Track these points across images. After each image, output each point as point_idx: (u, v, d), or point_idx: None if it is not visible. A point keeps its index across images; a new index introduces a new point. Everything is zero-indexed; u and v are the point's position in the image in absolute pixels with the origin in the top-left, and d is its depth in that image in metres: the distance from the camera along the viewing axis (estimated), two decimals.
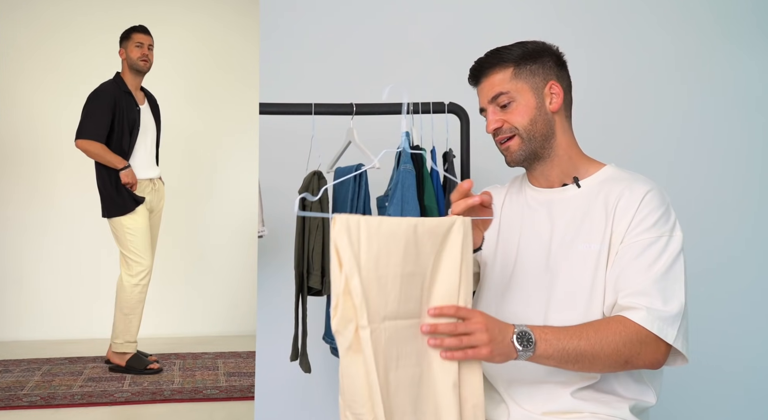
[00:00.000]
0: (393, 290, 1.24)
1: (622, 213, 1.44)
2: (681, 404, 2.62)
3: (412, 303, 1.27)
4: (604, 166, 1.56)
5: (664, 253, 1.40)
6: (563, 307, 1.45)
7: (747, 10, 2.79)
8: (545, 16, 2.73)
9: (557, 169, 1.54)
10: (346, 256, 1.20)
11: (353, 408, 1.23)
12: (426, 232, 1.27)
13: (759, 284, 2.75)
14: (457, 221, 1.30)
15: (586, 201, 1.50)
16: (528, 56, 1.53)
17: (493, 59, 1.55)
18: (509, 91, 1.52)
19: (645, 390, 1.48)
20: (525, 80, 1.52)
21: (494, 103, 1.53)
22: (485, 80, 1.55)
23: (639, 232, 1.41)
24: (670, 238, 1.42)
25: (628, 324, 1.34)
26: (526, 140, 1.51)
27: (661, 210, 1.43)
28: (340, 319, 1.22)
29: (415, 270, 1.26)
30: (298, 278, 2.22)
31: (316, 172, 2.20)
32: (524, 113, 1.51)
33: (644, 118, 2.74)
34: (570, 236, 1.48)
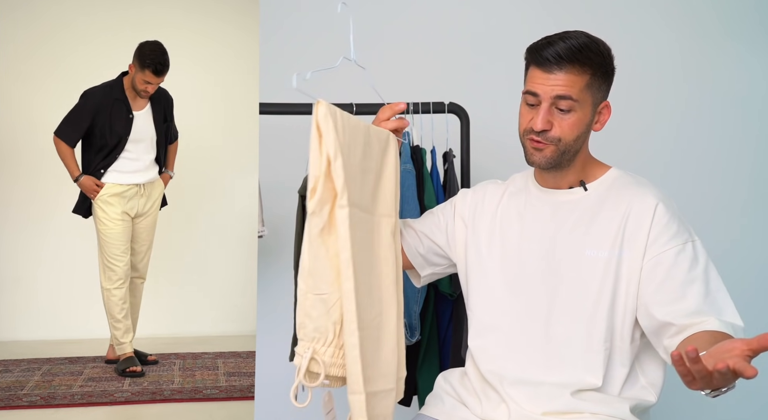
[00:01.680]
0: (357, 180, 1.31)
1: (636, 226, 1.43)
2: (683, 403, 2.62)
3: (367, 196, 1.35)
4: (608, 168, 1.55)
5: (697, 260, 1.39)
6: (567, 313, 1.45)
7: (749, 8, 2.78)
8: (546, 15, 2.72)
9: (571, 176, 1.53)
10: (330, 138, 1.25)
11: (318, 288, 1.28)
12: (374, 135, 1.39)
13: (762, 283, 2.75)
14: (390, 136, 1.45)
15: (594, 206, 1.48)
16: (604, 69, 1.45)
17: (576, 54, 1.40)
18: (577, 100, 1.42)
19: (645, 390, 1.48)
20: (592, 94, 1.44)
21: (555, 103, 1.43)
22: (560, 72, 1.41)
23: (663, 242, 1.40)
24: (694, 243, 1.42)
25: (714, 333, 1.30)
26: (561, 153, 1.46)
27: (676, 219, 1.43)
28: (318, 200, 1.25)
29: (369, 166, 1.36)
30: (297, 278, 2.22)
31: None
32: (576, 127, 1.44)
33: (646, 116, 2.74)
34: (577, 241, 1.47)
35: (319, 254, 1.28)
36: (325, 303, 1.28)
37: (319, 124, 1.26)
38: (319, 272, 1.28)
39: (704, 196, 2.72)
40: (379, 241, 1.41)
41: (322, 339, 1.29)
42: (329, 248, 1.28)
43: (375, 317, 1.36)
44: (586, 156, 1.53)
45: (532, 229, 1.53)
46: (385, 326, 1.38)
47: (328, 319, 1.29)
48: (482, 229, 1.60)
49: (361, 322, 1.28)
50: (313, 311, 1.29)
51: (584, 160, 1.53)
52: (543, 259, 1.49)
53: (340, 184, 1.24)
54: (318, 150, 1.25)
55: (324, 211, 1.26)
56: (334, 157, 1.24)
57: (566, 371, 1.44)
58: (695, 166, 2.74)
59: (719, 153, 2.76)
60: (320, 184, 1.25)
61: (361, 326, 1.28)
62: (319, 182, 1.25)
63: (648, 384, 1.48)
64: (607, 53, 1.46)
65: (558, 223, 1.50)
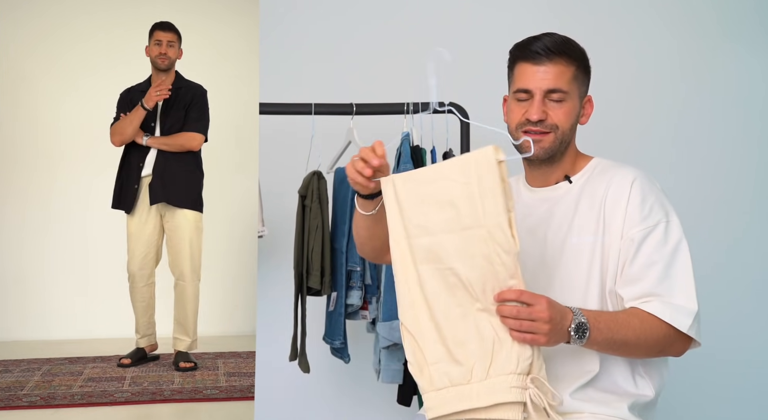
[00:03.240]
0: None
1: (613, 205, 1.45)
2: (684, 399, 2.61)
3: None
4: (591, 159, 1.58)
5: (665, 243, 1.41)
6: (561, 302, 1.45)
7: (749, 9, 2.78)
8: (546, 16, 2.72)
9: (559, 171, 1.55)
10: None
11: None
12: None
13: (764, 282, 2.75)
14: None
15: (577, 196, 1.51)
16: (585, 64, 1.53)
17: (564, 47, 1.48)
18: (567, 91, 1.48)
19: (643, 383, 1.48)
20: (578, 86, 1.51)
21: (548, 95, 1.48)
22: (550, 65, 1.47)
23: (635, 223, 1.43)
24: (667, 224, 1.43)
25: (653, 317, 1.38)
26: (558, 141, 1.50)
27: (652, 196, 1.45)
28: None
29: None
30: (297, 278, 2.22)
31: (316, 172, 2.20)
32: (570, 116, 1.50)
33: (645, 117, 2.74)
34: (563, 231, 1.49)
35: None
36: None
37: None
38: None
39: (705, 196, 2.72)
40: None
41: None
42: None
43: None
44: (574, 151, 1.56)
45: (525, 230, 1.53)
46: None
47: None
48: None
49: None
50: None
51: (572, 154, 1.56)
52: (537, 256, 1.51)
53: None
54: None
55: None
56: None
57: (565, 361, 1.45)
58: (695, 167, 2.74)
59: (719, 153, 2.76)
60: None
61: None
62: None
63: (646, 377, 1.48)
64: (584, 51, 1.54)
65: (547, 218, 1.53)
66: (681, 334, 1.39)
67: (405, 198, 1.32)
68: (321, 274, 2.16)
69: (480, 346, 1.27)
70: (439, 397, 1.27)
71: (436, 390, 1.28)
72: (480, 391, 1.25)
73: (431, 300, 1.30)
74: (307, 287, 2.20)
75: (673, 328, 1.38)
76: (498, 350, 1.26)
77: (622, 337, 1.36)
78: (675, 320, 1.37)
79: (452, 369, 1.27)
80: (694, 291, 1.40)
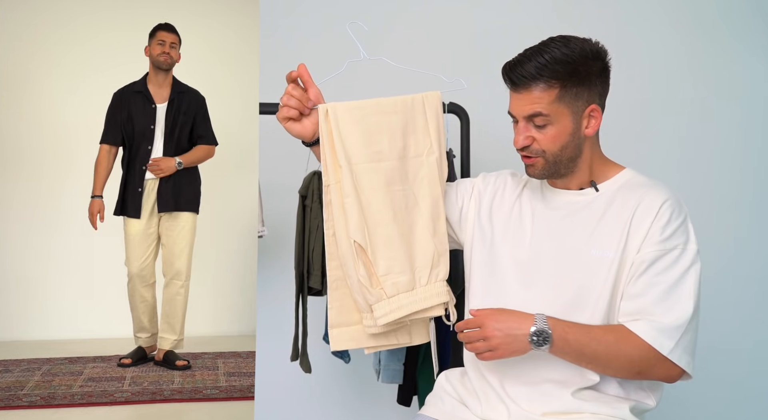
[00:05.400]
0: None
1: (639, 223, 1.42)
2: (680, 408, 2.62)
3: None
4: (622, 169, 1.54)
5: (673, 268, 1.39)
6: (568, 312, 1.44)
7: (752, 9, 2.78)
8: (549, 16, 2.72)
9: (578, 179, 1.52)
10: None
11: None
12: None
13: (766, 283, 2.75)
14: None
15: (603, 206, 1.48)
16: (576, 76, 1.42)
17: (539, 71, 1.40)
18: (549, 115, 1.42)
19: (645, 394, 1.48)
20: (567, 104, 1.43)
21: (530, 121, 1.45)
22: (525, 92, 1.43)
23: (653, 243, 1.40)
24: (683, 251, 1.40)
25: (635, 336, 1.38)
26: (551, 163, 1.47)
27: (678, 221, 1.42)
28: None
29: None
30: (298, 278, 2.21)
31: (316, 172, 2.20)
32: (557, 139, 1.44)
33: (646, 117, 2.73)
34: (583, 239, 1.46)
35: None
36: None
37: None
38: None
39: (707, 196, 2.71)
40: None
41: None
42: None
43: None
44: (592, 159, 1.51)
45: (543, 229, 1.52)
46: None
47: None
48: (498, 221, 1.59)
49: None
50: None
51: (590, 162, 1.51)
52: (552, 260, 1.48)
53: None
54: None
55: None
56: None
57: (566, 369, 1.44)
58: (697, 166, 2.74)
59: (722, 153, 2.75)
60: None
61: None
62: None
63: (647, 390, 1.48)
64: (583, 58, 1.42)
65: (568, 223, 1.50)
66: (665, 359, 1.37)
67: (351, 126, 1.57)
68: (322, 273, 2.16)
69: (424, 258, 1.56)
70: (391, 304, 1.53)
71: (387, 298, 1.53)
72: (425, 295, 1.56)
73: (382, 219, 1.54)
74: (308, 287, 2.20)
75: (655, 350, 1.36)
76: (437, 262, 1.57)
77: (592, 351, 1.37)
78: (656, 342, 1.36)
79: (400, 279, 1.54)
80: (688, 318, 1.37)
